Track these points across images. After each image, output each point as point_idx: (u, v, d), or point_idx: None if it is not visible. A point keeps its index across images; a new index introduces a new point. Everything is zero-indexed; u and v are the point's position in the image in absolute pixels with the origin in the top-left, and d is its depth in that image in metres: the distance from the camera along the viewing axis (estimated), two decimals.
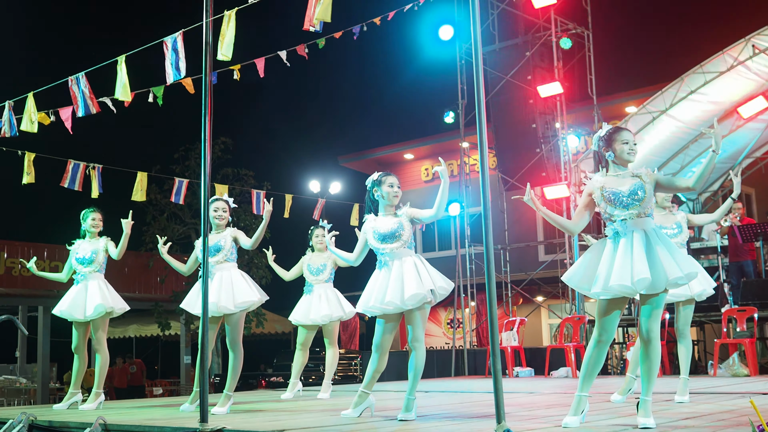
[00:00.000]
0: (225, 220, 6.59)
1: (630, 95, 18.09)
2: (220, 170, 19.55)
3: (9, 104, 7.58)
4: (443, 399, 7.20)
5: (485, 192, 4.01)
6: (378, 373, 5.29)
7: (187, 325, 20.07)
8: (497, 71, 14.46)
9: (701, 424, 4.31)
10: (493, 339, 3.89)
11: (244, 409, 6.38)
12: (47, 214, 25.87)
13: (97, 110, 7.15)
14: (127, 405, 7.60)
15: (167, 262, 6.88)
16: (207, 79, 5.18)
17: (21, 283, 18.00)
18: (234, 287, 6.39)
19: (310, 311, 7.88)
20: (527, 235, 18.61)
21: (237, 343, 6.39)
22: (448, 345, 18.48)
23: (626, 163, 4.51)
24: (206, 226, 5.08)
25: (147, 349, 24.68)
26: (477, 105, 4.13)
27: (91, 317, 6.95)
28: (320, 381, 8.37)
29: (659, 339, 4.34)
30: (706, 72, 12.52)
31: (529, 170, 14.03)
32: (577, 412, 4.30)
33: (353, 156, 23.51)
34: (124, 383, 18.28)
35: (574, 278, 4.51)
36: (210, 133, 5.14)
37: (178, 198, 11.91)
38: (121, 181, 11.33)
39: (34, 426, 5.60)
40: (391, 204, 5.35)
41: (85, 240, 7.22)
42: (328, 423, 4.91)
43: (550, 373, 11.78)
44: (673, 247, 4.41)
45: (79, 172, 10.00)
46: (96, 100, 7.15)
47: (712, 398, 6.28)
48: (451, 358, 13.69)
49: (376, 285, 5.23)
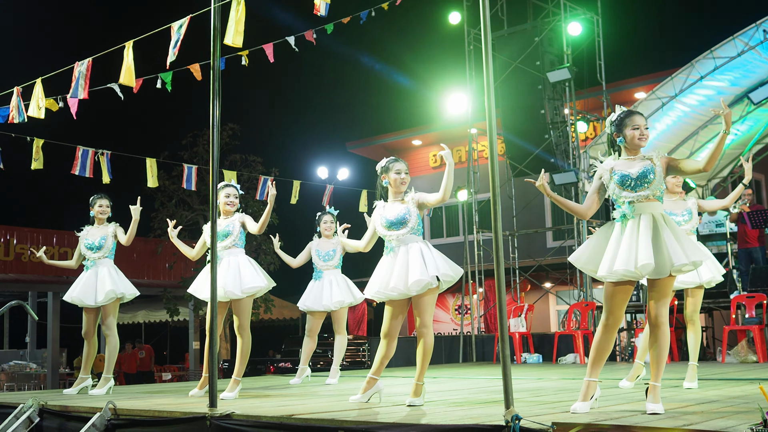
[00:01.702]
0: (235, 207, 6.59)
1: (639, 81, 18.00)
2: (228, 156, 19.54)
3: (17, 90, 7.58)
4: (451, 385, 7.21)
5: (494, 178, 3.99)
6: (386, 359, 5.29)
7: (196, 310, 20.14)
8: (506, 57, 14.38)
9: (710, 410, 4.30)
10: (502, 325, 3.89)
11: (252, 395, 6.40)
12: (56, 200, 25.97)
13: (85, 97, 7.09)
14: (137, 390, 7.64)
15: (176, 246, 6.90)
16: (215, 64, 5.16)
17: (30, 268, 18.07)
18: (241, 273, 6.40)
19: (322, 297, 7.86)
20: (536, 222, 18.58)
21: (245, 328, 6.41)
22: (455, 331, 18.50)
23: (637, 148, 4.48)
24: (214, 211, 5.08)
25: (156, 334, 24.79)
26: (486, 91, 4.11)
27: (101, 303, 6.98)
28: (328, 366, 8.39)
29: (668, 324, 4.33)
30: (716, 57, 12.43)
31: (537, 156, 13.98)
32: (587, 398, 4.30)
33: (361, 142, 23.48)
34: (133, 368, 18.39)
35: (581, 259, 4.50)
36: (218, 119, 5.14)
37: (189, 184, 11.90)
38: (130, 167, 11.36)
39: (44, 411, 5.63)
40: (398, 190, 5.34)
41: (94, 226, 7.24)
42: (337, 408, 4.92)
43: (558, 360, 11.79)
44: (680, 232, 4.38)
45: (89, 158, 10.00)
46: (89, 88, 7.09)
47: (721, 384, 6.27)
48: (459, 344, 13.70)
49: (382, 271, 5.22)
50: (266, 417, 4.52)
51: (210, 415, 4.65)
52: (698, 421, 3.77)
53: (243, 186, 7.79)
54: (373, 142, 23.18)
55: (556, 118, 13.97)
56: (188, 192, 18.03)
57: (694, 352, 6.24)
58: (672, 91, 12.91)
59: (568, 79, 13.64)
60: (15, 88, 7.60)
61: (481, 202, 15.41)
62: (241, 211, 6.71)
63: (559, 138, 13.92)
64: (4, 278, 17.84)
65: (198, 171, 12.32)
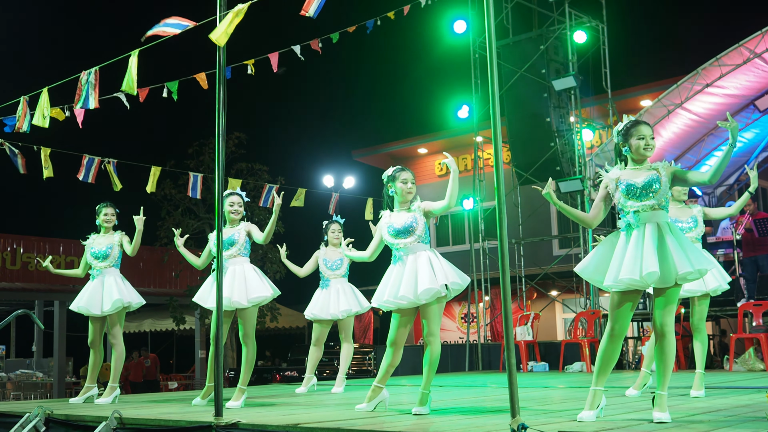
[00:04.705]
0: (240, 214, 6.60)
1: (645, 88, 18.00)
2: (234, 165, 19.58)
3: (24, 99, 7.61)
4: (457, 393, 7.20)
5: (500, 186, 3.99)
6: (392, 368, 5.29)
7: (202, 319, 20.16)
8: (511, 65, 14.40)
9: (717, 419, 4.29)
10: (508, 333, 3.88)
11: (258, 404, 6.39)
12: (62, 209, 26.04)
13: (96, 106, 7.07)
14: (143, 399, 7.63)
15: (182, 255, 6.90)
16: (221, 74, 5.18)
17: (37, 278, 18.12)
18: (247, 282, 6.40)
19: (329, 306, 7.85)
20: (541, 230, 18.56)
21: (250, 337, 6.40)
22: (462, 339, 18.47)
23: (643, 157, 4.48)
24: (220, 220, 5.09)
25: (162, 343, 24.80)
26: (491, 99, 4.11)
27: (108, 312, 6.98)
28: (334, 375, 8.38)
29: (674, 333, 4.32)
30: (722, 65, 12.43)
31: (543, 164, 13.97)
32: (593, 407, 4.29)
33: (367, 150, 23.52)
34: (139, 377, 18.40)
35: (587, 270, 4.50)
36: (224, 128, 5.15)
37: (195, 193, 11.93)
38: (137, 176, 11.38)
39: (50, 419, 5.63)
40: (404, 200, 5.34)
41: (100, 235, 7.25)
42: (343, 417, 4.91)
43: (564, 368, 11.76)
44: (685, 241, 4.38)
45: (94, 166, 10.04)
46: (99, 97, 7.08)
47: (728, 393, 6.24)
48: (466, 352, 13.68)
49: (390, 279, 5.23)
50: (272, 426, 4.51)
51: (216, 424, 4.65)
52: (705, 429, 3.76)
53: (249, 194, 7.80)
54: (378, 150, 23.21)
55: (561, 126, 13.97)
56: (194, 201, 18.08)
57: (701, 361, 6.21)
58: (678, 98, 12.91)
59: (573, 87, 13.64)
60: (22, 97, 7.63)
61: (487, 210, 15.41)
62: (247, 220, 6.72)
63: (564, 146, 13.91)
64: (11, 287, 17.89)
65: (204, 180, 12.34)
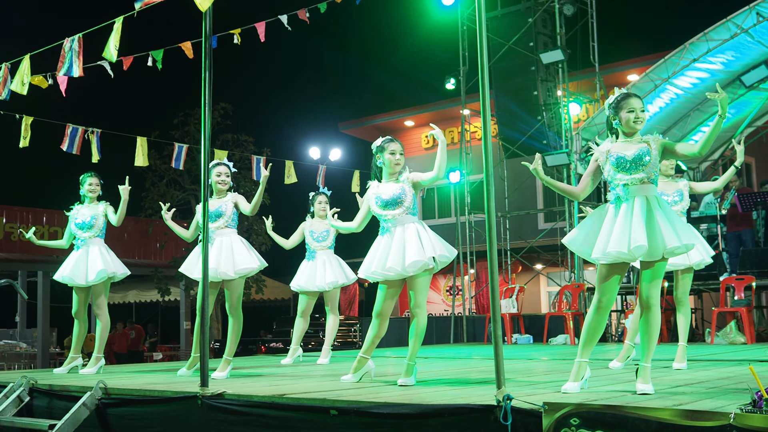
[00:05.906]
0: (227, 185, 6.55)
1: (632, 63, 17.96)
2: (220, 136, 19.45)
3: (6, 66, 7.48)
4: (443, 365, 7.23)
5: (488, 159, 3.97)
6: (378, 339, 5.31)
7: (187, 290, 20.12)
8: (499, 38, 14.32)
9: (699, 390, 4.33)
10: (494, 306, 3.89)
11: (244, 374, 6.40)
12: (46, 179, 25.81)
13: (80, 74, 6.96)
14: (128, 369, 7.63)
15: (171, 228, 6.87)
16: (206, 43, 5.11)
17: (20, 248, 17.97)
18: (234, 253, 6.37)
19: (315, 277, 7.84)
20: (527, 203, 18.60)
21: (236, 308, 6.40)
22: (447, 312, 18.55)
23: (633, 131, 4.47)
24: (206, 191, 5.06)
25: (147, 314, 24.76)
26: (480, 71, 4.08)
27: (92, 282, 6.95)
28: (320, 347, 8.40)
29: (659, 306, 4.34)
30: (709, 39, 12.40)
31: (529, 137, 13.97)
32: (577, 378, 4.32)
33: (353, 123, 23.40)
34: (124, 348, 18.40)
35: (575, 242, 4.51)
36: (210, 99, 5.09)
37: (178, 164, 11.86)
38: (121, 146, 11.29)
39: (34, 389, 5.62)
40: (393, 171, 5.33)
41: (84, 205, 7.19)
42: (328, 388, 4.93)
43: (548, 341, 11.85)
44: (673, 215, 4.40)
45: (78, 136, 9.94)
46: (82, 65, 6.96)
47: (710, 365, 6.31)
48: (451, 324, 13.75)
49: (378, 251, 5.23)
50: (258, 396, 4.52)
51: (201, 395, 4.65)
52: (688, 401, 3.79)
53: (235, 165, 7.74)
54: (365, 122, 23.10)
55: (548, 100, 13.95)
56: (179, 172, 17.96)
57: (684, 334, 6.28)
58: (665, 73, 12.88)
59: (561, 61, 13.60)
60: (3, 64, 7.51)
61: (473, 183, 15.40)
62: (234, 191, 6.68)
63: (551, 119, 13.90)
64: None
65: (189, 150, 12.26)
